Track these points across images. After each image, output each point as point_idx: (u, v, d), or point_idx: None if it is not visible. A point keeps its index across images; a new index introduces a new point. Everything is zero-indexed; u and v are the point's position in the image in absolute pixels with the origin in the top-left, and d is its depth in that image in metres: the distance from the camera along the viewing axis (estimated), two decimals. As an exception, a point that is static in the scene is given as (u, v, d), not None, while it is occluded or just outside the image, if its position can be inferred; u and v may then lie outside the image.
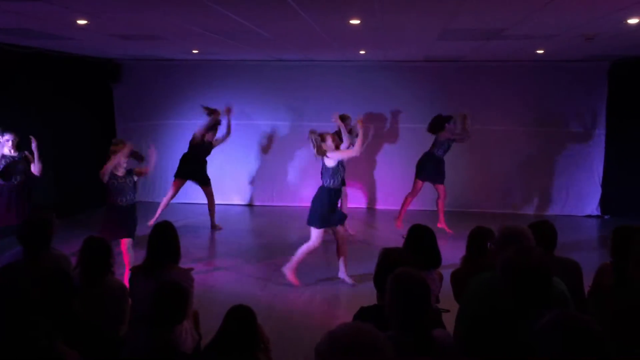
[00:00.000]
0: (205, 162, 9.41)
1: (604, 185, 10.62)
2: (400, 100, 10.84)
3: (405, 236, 4.17)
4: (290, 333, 5.33)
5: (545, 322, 2.03)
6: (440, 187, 9.01)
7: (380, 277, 3.22)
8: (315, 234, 6.57)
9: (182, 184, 9.24)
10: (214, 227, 9.43)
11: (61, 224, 4.31)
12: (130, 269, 4.24)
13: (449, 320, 3.48)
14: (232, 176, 11.26)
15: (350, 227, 9.15)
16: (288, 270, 6.73)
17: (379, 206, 11.08)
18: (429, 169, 8.87)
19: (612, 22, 5.86)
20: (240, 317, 3.22)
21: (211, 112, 9.12)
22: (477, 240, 4.21)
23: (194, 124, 11.34)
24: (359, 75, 10.87)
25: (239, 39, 7.67)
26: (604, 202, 10.63)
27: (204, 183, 9.35)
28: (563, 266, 3.73)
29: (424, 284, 2.63)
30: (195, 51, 9.43)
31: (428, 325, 2.61)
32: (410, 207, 9.33)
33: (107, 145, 10.99)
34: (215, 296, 6.34)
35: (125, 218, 6.38)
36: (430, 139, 9.12)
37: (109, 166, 6.23)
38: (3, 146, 7.03)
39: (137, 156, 6.75)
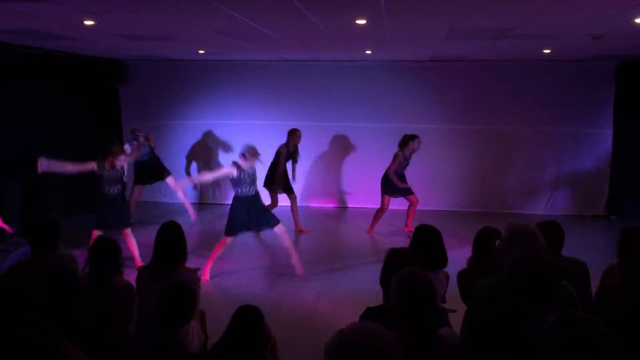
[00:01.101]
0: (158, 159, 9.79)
1: (611, 185, 10.58)
2: (406, 100, 10.84)
3: (411, 236, 4.17)
4: (297, 333, 5.33)
5: (551, 322, 2.03)
6: (412, 197, 9.01)
7: (386, 277, 3.23)
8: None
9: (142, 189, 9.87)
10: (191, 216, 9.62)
11: (67, 224, 4.33)
12: (137, 269, 4.26)
13: (456, 321, 3.47)
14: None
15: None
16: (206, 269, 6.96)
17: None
18: (391, 185, 8.88)
19: (620, 21, 5.85)
20: (248, 317, 3.23)
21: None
22: (483, 240, 4.20)
23: (199, 125, 11.43)
24: (364, 75, 10.87)
25: (245, 39, 7.69)
26: (610, 203, 10.59)
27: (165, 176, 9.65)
28: (570, 267, 3.71)
29: (429, 284, 2.63)
30: (201, 51, 9.45)
31: (433, 324, 2.61)
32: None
33: (113, 144, 11.12)
34: (222, 296, 6.36)
35: (116, 208, 6.97)
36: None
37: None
38: None
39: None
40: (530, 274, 2.60)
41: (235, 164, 6.74)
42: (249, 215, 6.85)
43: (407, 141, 8.82)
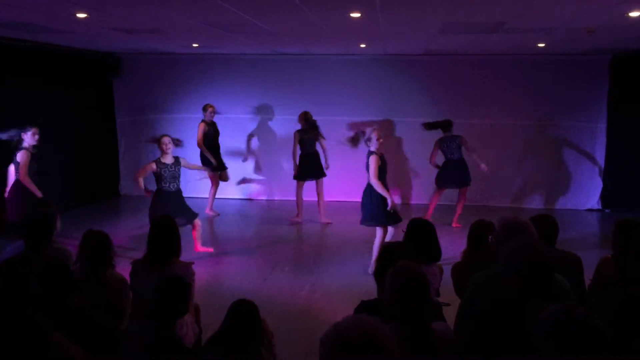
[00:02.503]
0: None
1: (605, 178, 10.61)
2: (400, 93, 10.84)
3: (405, 230, 4.18)
4: (291, 327, 5.34)
5: (546, 314, 2.03)
6: (462, 190, 9.27)
7: (380, 271, 3.23)
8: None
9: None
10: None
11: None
12: (131, 263, 4.24)
13: (450, 314, 3.48)
14: (231, 169, 11.27)
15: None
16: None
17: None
18: (440, 174, 9.19)
19: (614, 15, 5.85)
20: (244, 312, 3.22)
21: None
22: (478, 234, 4.20)
23: (194, 118, 11.37)
24: (359, 69, 10.87)
25: (239, 33, 7.66)
26: (605, 196, 10.62)
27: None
28: (564, 260, 3.73)
29: (423, 277, 2.64)
30: (195, 45, 9.41)
31: (427, 318, 2.62)
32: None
33: (107, 139, 11.10)
34: (216, 290, 6.36)
35: (173, 203, 6.97)
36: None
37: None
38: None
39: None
40: (526, 266, 2.61)
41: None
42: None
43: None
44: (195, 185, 10.41)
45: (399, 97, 10.85)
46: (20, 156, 6.84)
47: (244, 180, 11.45)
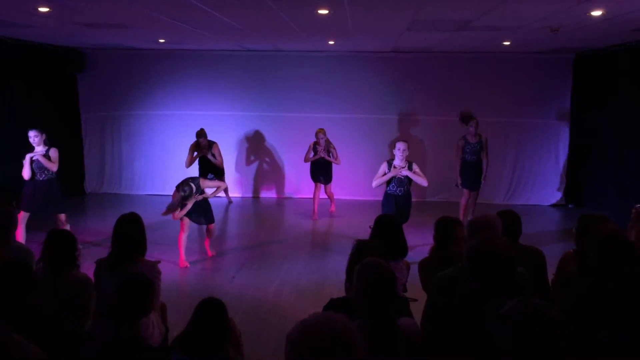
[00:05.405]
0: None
1: (569, 174, 10.81)
2: (367, 90, 10.88)
3: (372, 226, 4.19)
4: (260, 325, 5.32)
5: (506, 309, 2.05)
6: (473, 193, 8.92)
7: (352, 268, 3.23)
8: None
9: None
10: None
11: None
12: (95, 262, 4.17)
13: (418, 310, 3.50)
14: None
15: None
16: None
17: (347, 196, 11.07)
18: (462, 175, 8.86)
19: (577, 14, 5.96)
20: (211, 310, 3.19)
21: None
22: (443, 230, 4.22)
23: (159, 115, 11.28)
24: (328, 66, 10.87)
25: (206, 29, 7.59)
26: (568, 192, 10.83)
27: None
28: (527, 254, 3.78)
29: (390, 273, 2.65)
30: (162, 40, 9.29)
31: (393, 313, 2.63)
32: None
33: (71, 135, 10.86)
34: (183, 289, 6.30)
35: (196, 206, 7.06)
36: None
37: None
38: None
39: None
40: (487, 261, 2.63)
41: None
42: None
43: (466, 122, 8.81)
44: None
45: (366, 94, 10.89)
46: None
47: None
